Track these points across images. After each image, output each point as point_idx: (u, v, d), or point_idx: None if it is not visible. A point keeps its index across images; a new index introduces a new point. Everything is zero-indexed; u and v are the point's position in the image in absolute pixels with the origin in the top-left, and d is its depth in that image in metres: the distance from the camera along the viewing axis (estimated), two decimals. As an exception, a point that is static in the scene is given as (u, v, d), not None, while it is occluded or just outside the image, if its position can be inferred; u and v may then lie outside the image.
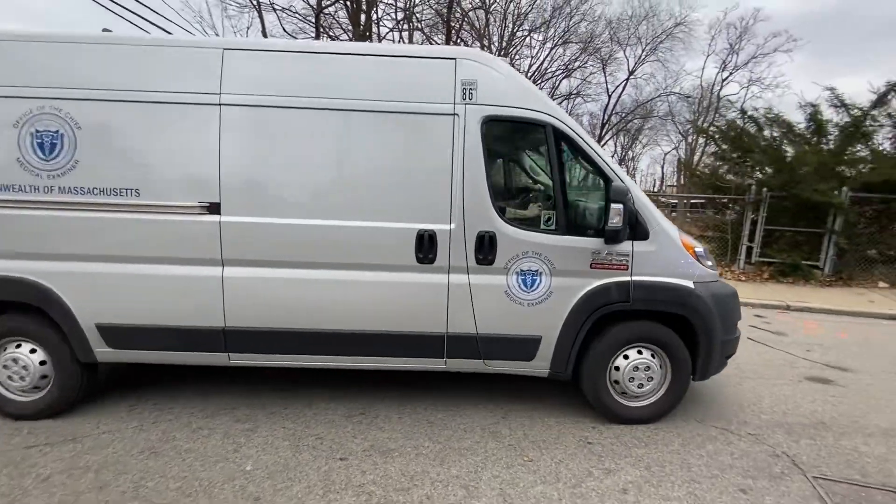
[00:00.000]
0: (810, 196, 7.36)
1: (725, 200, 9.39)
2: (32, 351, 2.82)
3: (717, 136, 10.59)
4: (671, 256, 2.90)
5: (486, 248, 2.76)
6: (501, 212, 2.83)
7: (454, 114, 2.74)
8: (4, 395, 2.84)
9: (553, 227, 2.86)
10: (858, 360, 4.42)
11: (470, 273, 2.80)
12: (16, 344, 2.82)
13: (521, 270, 2.80)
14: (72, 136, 2.65)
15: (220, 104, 2.69)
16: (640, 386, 2.95)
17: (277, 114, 2.74)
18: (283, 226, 2.73)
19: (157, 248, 2.76)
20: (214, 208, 2.70)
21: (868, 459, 2.69)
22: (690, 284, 2.87)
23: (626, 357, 2.94)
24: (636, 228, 2.77)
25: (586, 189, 3.23)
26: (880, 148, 8.30)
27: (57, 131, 2.64)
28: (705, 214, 12.15)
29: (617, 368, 2.93)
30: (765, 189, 7.97)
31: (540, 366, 2.96)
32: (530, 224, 2.91)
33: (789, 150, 8.56)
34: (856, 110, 7.91)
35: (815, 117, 8.28)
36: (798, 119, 8.72)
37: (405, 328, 2.86)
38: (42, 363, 2.82)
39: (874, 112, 7.88)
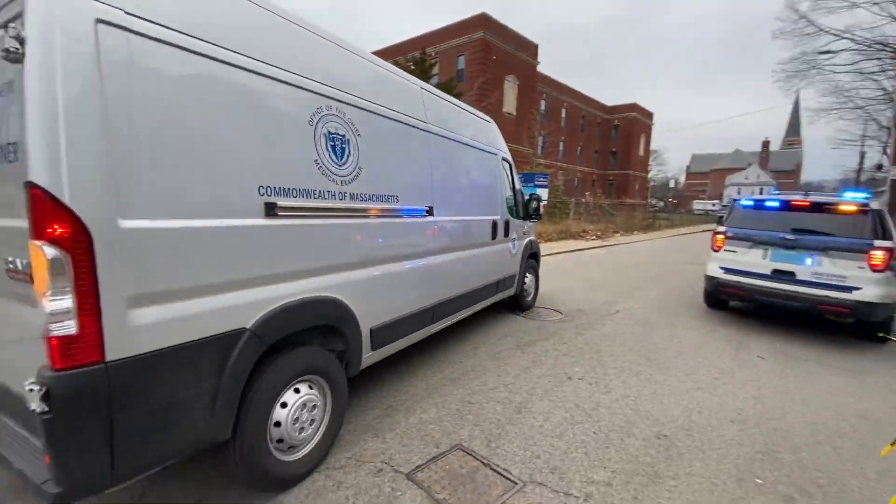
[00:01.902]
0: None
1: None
2: (311, 387, 2.50)
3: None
4: (533, 226, 6.38)
5: (507, 228, 5.25)
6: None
7: (496, 154, 5.15)
8: (280, 460, 2.30)
9: (516, 215, 5.58)
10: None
11: (501, 243, 5.11)
12: (308, 384, 2.46)
13: (513, 238, 5.48)
14: (355, 142, 2.74)
15: (427, 131, 3.62)
16: (531, 287, 6.40)
17: (450, 145, 4.02)
18: (453, 221, 3.99)
19: (406, 246, 3.32)
20: (430, 211, 3.56)
21: (432, 426, 3.04)
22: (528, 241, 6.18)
23: (525, 278, 6.08)
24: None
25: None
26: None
27: (344, 135, 2.66)
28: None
29: (524, 284, 6.09)
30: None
31: (513, 290, 5.76)
32: (511, 213, 5.43)
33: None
34: None
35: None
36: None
37: (488, 280, 4.83)
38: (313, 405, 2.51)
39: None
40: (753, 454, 2.82)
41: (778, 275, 5.42)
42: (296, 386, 2.40)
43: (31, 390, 1.49)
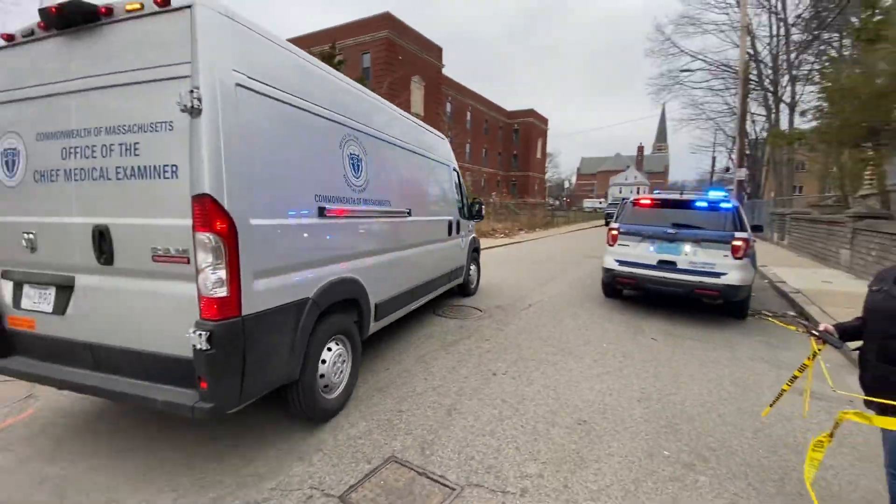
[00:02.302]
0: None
1: None
2: (340, 345, 3.30)
3: None
4: (474, 225, 7.37)
5: (458, 227, 6.29)
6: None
7: (449, 165, 6.25)
8: (324, 397, 3.10)
9: (463, 216, 6.61)
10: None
11: (454, 239, 6.16)
12: (335, 342, 3.23)
13: (462, 235, 6.51)
14: (365, 161, 3.62)
15: (405, 149, 4.62)
16: (475, 276, 7.47)
17: (420, 160, 5.10)
18: (424, 220, 5.03)
19: (394, 240, 4.19)
20: (409, 213, 4.52)
21: (362, 441, 2.89)
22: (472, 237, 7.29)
23: (471, 268, 7.18)
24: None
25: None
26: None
27: (358, 155, 3.54)
28: None
29: (470, 273, 7.16)
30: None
31: (461, 279, 6.72)
32: (460, 214, 6.47)
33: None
34: None
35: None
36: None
37: (446, 269, 5.86)
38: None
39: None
40: (659, 429, 3.13)
41: (662, 265, 6.14)
42: (332, 343, 3.20)
43: (200, 335, 2.13)
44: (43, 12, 2.43)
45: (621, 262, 6.53)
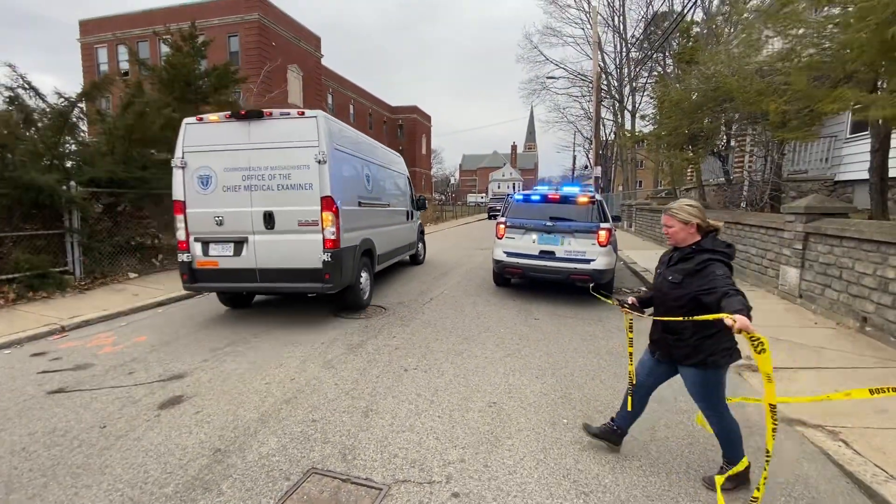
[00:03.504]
0: (34, 181, 6.12)
1: None
2: (366, 272, 6.45)
3: None
4: (418, 214, 10.96)
5: (412, 215, 9.97)
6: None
7: (405, 175, 9.80)
8: (362, 297, 6.21)
9: (414, 207, 10.11)
10: (184, 356, 4.38)
11: (410, 222, 9.76)
12: (363, 271, 6.25)
13: (414, 220, 10.24)
14: (371, 176, 6.93)
15: (383, 166, 7.86)
16: (422, 251, 11.14)
17: (391, 172, 8.50)
18: (396, 209, 8.51)
19: (385, 220, 7.52)
20: (389, 204, 8.01)
21: (276, 458, 2.71)
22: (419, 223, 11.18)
23: (419, 245, 10.90)
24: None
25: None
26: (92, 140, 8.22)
27: (368, 174, 6.82)
28: None
29: (419, 248, 10.81)
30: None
31: (414, 251, 10.35)
32: (412, 206, 9.96)
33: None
34: (62, 100, 7.21)
35: (15, 100, 6.74)
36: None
37: (406, 242, 9.43)
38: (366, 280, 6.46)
39: (80, 105, 7.50)
40: (557, 400, 3.53)
41: (543, 254, 6.83)
42: (362, 272, 6.20)
43: (327, 254, 5.22)
44: (234, 113, 5.24)
45: (509, 254, 7.08)
